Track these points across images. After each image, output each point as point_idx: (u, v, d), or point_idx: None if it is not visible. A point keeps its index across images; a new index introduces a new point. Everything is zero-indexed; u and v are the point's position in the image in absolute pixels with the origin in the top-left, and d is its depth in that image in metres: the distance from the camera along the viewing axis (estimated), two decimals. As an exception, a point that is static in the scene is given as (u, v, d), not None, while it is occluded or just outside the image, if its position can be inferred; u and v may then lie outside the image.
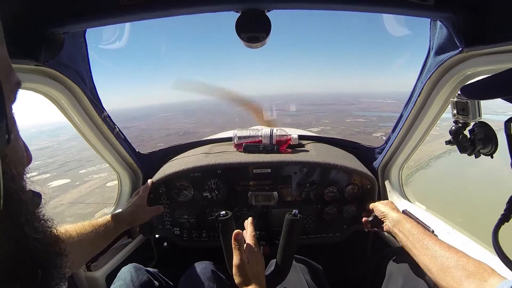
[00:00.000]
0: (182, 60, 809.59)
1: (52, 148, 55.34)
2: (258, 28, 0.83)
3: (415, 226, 1.03)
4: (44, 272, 0.38)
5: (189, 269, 1.17)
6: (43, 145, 59.11)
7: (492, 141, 0.96)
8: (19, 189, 0.36)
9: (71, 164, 39.09)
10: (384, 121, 52.02)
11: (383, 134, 40.07)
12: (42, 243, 0.38)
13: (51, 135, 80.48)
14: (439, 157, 27.44)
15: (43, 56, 0.86)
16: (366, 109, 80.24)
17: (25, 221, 0.35)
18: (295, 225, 0.97)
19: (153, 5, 0.77)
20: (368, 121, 55.61)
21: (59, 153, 48.70)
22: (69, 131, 65.15)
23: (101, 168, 31.34)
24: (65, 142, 59.16)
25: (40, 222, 0.41)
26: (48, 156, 45.70)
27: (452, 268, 0.80)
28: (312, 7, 0.85)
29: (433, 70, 1.05)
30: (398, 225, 1.08)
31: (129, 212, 1.22)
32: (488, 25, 0.77)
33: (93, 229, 1.03)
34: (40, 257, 0.38)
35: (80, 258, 1.04)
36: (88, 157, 36.67)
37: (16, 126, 0.40)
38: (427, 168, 27.18)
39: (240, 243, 0.88)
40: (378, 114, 65.70)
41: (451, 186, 20.94)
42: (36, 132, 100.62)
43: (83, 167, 35.39)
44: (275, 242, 1.51)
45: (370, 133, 44.12)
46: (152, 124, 70.40)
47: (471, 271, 0.76)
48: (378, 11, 0.82)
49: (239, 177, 1.48)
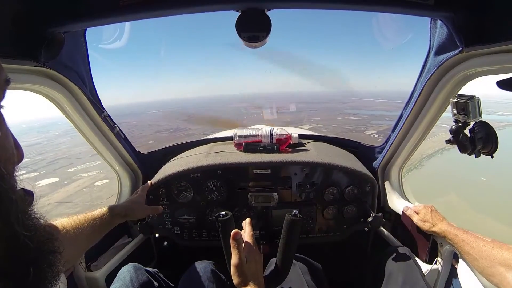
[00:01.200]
0: (179, 58, 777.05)
1: (42, 144, 54.93)
2: (258, 28, 0.83)
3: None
4: (36, 270, 0.38)
5: (189, 268, 1.17)
6: (32, 141, 58.56)
7: (492, 141, 0.96)
8: (9, 187, 0.36)
9: (60, 162, 38.89)
10: (376, 119, 51.87)
11: (375, 132, 39.81)
12: (34, 241, 0.38)
13: (41, 131, 79.88)
14: (431, 156, 27.39)
15: (43, 57, 0.86)
16: (357, 108, 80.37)
17: (16, 220, 0.35)
18: (295, 226, 0.97)
19: (153, 4, 0.77)
20: (360, 119, 55.60)
21: (48, 150, 48.31)
22: (60, 127, 64.34)
23: (90, 166, 31.18)
24: (54, 138, 58.68)
25: (32, 221, 0.41)
26: (38, 153, 45.40)
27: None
28: (312, 6, 0.85)
29: (433, 70, 1.05)
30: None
31: (123, 206, 1.20)
32: (488, 25, 0.77)
33: (88, 223, 1.01)
34: (32, 255, 0.38)
35: (76, 252, 1.03)
36: (77, 154, 36.45)
37: (5, 124, 0.40)
38: (419, 167, 27.15)
39: (238, 242, 0.88)
40: (370, 113, 65.80)
41: (446, 187, 20.95)
42: (26, 128, 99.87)
43: (72, 165, 35.19)
44: (275, 241, 1.51)
45: (362, 131, 43.82)
46: (143, 120, 70.01)
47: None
48: (378, 10, 0.82)
49: (239, 178, 1.48)
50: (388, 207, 1.59)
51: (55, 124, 74.96)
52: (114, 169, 1.56)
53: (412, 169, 26.49)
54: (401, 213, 1.43)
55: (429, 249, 1.27)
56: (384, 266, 1.19)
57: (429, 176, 24.45)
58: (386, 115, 50.51)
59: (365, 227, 1.57)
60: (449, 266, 1.18)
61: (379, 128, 42.28)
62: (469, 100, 0.95)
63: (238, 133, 1.66)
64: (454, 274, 1.14)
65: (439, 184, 22.18)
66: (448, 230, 1.10)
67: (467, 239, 1.02)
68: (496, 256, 0.89)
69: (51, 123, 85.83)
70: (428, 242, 1.26)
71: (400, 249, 1.23)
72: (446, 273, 1.18)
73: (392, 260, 1.19)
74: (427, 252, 1.28)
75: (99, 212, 1.09)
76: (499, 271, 0.87)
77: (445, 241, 1.14)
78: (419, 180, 23.01)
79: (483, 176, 21.14)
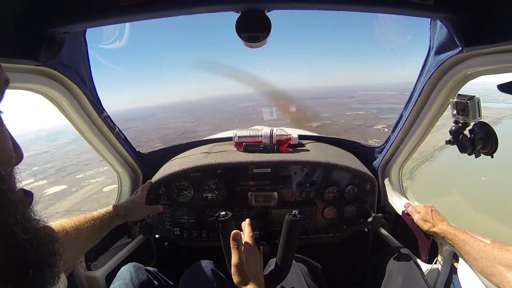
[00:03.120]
0: (182, 60, 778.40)
1: (50, 153, 55.35)
2: (258, 28, 0.83)
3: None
4: (36, 271, 0.38)
5: (189, 268, 1.17)
6: (40, 150, 59.08)
7: (492, 141, 0.96)
8: (7, 189, 0.36)
9: (68, 169, 39.10)
10: (384, 113, 51.23)
11: (384, 126, 39.43)
12: (33, 243, 0.38)
13: (49, 140, 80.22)
14: (443, 148, 27.12)
15: (43, 56, 0.86)
16: (365, 102, 79.57)
17: (14, 221, 0.35)
18: (295, 226, 0.97)
19: (153, 5, 0.77)
20: (369, 114, 55.14)
21: (57, 158, 48.66)
22: (67, 135, 64.64)
23: (98, 172, 31.32)
24: (63, 146, 58.99)
25: (31, 222, 0.40)
26: (46, 161, 45.70)
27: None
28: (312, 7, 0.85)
29: (433, 70, 1.05)
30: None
31: (123, 207, 1.20)
32: (488, 25, 0.77)
33: (88, 224, 1.02)
34: (31, 256, 0.38)
35: (76, 253, 1.04)
36: (85, 161, 36.47)
37: (3, 126, 0.39)
38: (432, 160, 26.78)
39: (238, 243, 0.88)
40: (378, 106, 65.16)
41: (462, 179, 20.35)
42: (34, 137, 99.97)
43: (80, 172, 35.36)
44: (275, 242, 1.51)
45: (371, 125, 43.39)
46: (150, 124, 70.00)
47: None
48: (378, 11, 0.82)
49: (239, 177, 1.48)
50: (388, 207, 1.59)
51: (62, 133, 74.95)
52: (114, 168, 1.56)
53: (425, 161, 26.19)
54: (401, 213, 1.43)
55: (429, 249, 1.27)
56: (384, 266, 1.19)
57: (443, 168, 24.05)
58: (395, 108, 49.49)
59: (365, 227, 1.57)
60: (449, 266, 1.18)
61: (389, 122, 41.65)
62: (469, 100, 0.95)
63: (238, 134, 1.66)
64: (454, 274, 1.14)
65: (453, 177, 21.83)
66: (448, 230, 1.11)
67: (467, 239, 1.02)
68: (496, 256, 0.90)
69: (58, 131, 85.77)
70: (428, 243, 1.26)
71: (400, 249, 1.24)
72: (446, 273, 1.18)
73: (392, 260, 1.19)
74: (427, 252, 1.28)
75: (99, 213, 1.09)
76: (499, 271, 0.87)
77: (445, 241, 1.14)
78: (433, 173, 22.66)
79: (504, 166, 20.54)
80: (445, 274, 1.18)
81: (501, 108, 55.28)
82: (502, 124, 44.55)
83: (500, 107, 55.51)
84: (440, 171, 24.72)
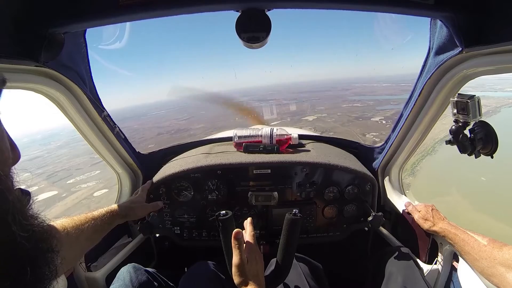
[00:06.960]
0: (178, 57, 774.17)
1: (42, 157, 54.79)
2: (258, 28, 0.83)
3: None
4: (34, 269, 0.39)
5: (189, 268, 1.17)
6: (33, 155, 58.49)
7: (492, 141, 0.96)
8: (5, 188, 0.36)
9: (59, 174, 38.82)
10: (382, 105, 50.28)
11: (382, 118, 38.78)
12: (31, 241, 0.38)
13: (42, 144, 79.75)
14: (444, 140, 26.71)
15: (43, 57, 0.86)
16: (361, 94, 78.37)
17: (12, 220, 0.36)
18: (295, 225, 0.97)
19: (153, 4, 0.77)
20: (365, 106, 54.16)
21: (49, 163, 48.24)
22: (61, 138, 63.71)
23: (89, 177, 31.09)
24: (55, 150, 58.38)
25: (29, 220, 0.41)
26: (38, 167, 45.32)
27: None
28: (312, 6, 0.85)
29: (433, 70, 1.05)
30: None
31: (124, 207, 1.20)
32: (488, 25, 0.77)
33: (89, 223, 1.01)
34: (29, 254, 0.38)
35: (77, 253, 1.03)
36: (77, 165, 36.20)
37: (1, 125, 0.40)
38: (433, 154, 26.23)
39: (239, 242, 0.87)
40: (374, 98, 64.21)
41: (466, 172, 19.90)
42: (28, 141, 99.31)
43: (71, 177, 35.12)
44: (276, 241, 1.51)
45: (369, 117, 42.51)
46: (144, 123, 68.97)
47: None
48: (378, 10, 0.82)
49: (239, 178, 1.48)
50: (388, 207, 1.59)
51: (56, 135, 74.32)
52: (114, 169, 1.56)
53: (426, 155, 25.73)
54: (401, 212, 1.43)
55: (429, 249, 1.27)
56: (384, 266, 1.19)
57: (446, 160, 23.61)
58: (392, 99, 49.20)
59: (365, 226, 1.57)
60: (449, 266, 1.18)
61: (386, 113, 41.29)
62: (469, 99, 0.95)
63: (238, 134, 1.65)
64: (454, 274, 1.14)
65: (454, 174, 21.44)
66: (449, 229, 1.10)
67: (467, 239, 1.02)
68: (497, 257, 0.90)
69: (52, 134, 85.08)
70: (428, 242, 1.26)
71: (400, 249, 1.23)
72: (446, 273, 1.18)
73: (392, 260, 1.19)
74: (427, 252, 1.28)
75: (99, 213, 1.09)
76: (499, 271, 0.87)
77: (445, 241, 1.14)
78: (435, 169, 22.20)
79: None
80: (445, 274, 1.18)
81: (499, 97, 54.62)
82: (502, 113, 43.75)
83: (498, 96, 54.87)
84: (442, 166, 24.25)
